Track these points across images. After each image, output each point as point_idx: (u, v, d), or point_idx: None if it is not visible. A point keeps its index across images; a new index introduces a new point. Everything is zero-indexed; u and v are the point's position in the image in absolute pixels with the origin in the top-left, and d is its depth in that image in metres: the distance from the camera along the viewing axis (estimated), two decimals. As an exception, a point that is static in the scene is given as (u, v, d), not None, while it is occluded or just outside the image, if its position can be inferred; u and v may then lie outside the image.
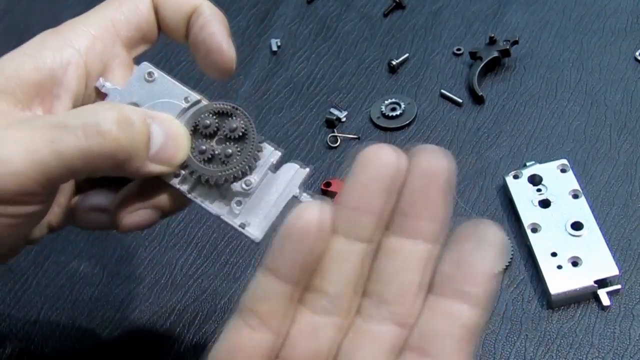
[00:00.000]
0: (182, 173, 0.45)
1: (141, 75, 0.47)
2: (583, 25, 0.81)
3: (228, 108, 0.46)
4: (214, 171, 0.45)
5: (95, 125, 0.41)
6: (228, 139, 0.45)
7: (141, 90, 0.47)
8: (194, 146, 0.45)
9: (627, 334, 0.58)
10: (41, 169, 0.40)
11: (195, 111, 0.46)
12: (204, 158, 0.45)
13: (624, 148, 0.70)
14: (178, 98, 0.47)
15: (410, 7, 0.87)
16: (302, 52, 0.85)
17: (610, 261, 0.60)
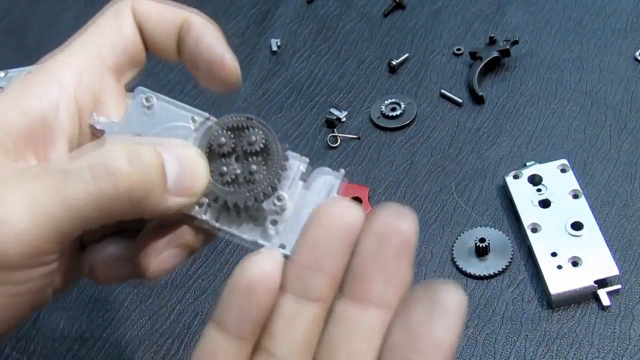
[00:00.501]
0: (205, 201, 0.40)
1: (138, 102, 0.43)
2: (583, 25, 0.81)
3: (242, 120, 0.41)
4: (241, 193, 0.40)
5: (103, 165, 0.36)
6: (248, 154, 0.40)
7: (141, 120, 0.42)
8: (212, 169, 0.40)
9: (627, 334, 0.58)
10: (50, 223, 0.35)
11: (206, 130, 0.41)
12: (226, 180, 0.40)
13: (624, 148, 0.70)
14: (184, 120, 0.42)
15: (410, 7, 0.87)
16: (302, 52, 0.85)
17: (610, 261, 0.60)
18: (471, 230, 0.66)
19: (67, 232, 0.36)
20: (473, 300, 0.62)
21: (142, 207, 0.38)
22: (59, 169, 0.37)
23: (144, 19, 0.45)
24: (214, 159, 0.41)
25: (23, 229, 0.35)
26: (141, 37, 0.45)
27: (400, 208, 0.34)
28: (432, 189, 0.70)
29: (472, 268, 0.63)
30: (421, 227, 0.67)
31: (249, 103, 0.81)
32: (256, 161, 0.40)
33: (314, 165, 0.75)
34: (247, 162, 0.40)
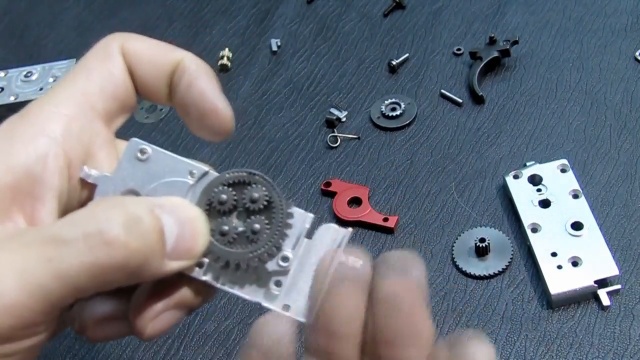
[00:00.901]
0: (205, 261, 0.38)
1: (132, 154, 0.40)
2: (583, 25, 0.81)
3: (244, 176, 0.38)
4: (243, 253, 0.38)
5: (99, 234, 0.34)
6: (250, 212, 0.38)
7: (136, 173, 0.39)
8: (213, 228, 0.38)
9: (627, 334, 0.58)
10: (40, 294, 0.33)
11: (206, 187, 0.38)
12: (228, 240, 0.38)
13: (624, 148, 0.70)
14: (181, 174, 0.39)
15: (410, 7, 0.87)
16: (302, 52, 0.85)
17: (610, 261, 0.60)
18: (471, 230, 0.66)
19: (58, 302, 0.34)
20: (473, 300, 0.62)
21: (139, 274, 0.36)
22: (52, 237, 0.34)
23: (135, 60, 0.42)
24: (215, 217, 0.38)
25: (12, 300, 0.33)
26: (131, 79, 0.42)
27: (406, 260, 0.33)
28: (432, 189, 0.70)
29: (472, 268, 0.63)
30: (421, 227, 0.67)
31: (249, 103, 0.81)
32: (259, 219, 0.38)
33: (314, 165, 0.75)
34: (250, 220, 0.38)
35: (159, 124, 0.81)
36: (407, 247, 0.66)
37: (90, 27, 0.94)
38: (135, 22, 0.93)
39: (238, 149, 0.77)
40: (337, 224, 0.39)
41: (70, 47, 0.92)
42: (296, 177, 0.73)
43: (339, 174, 0.73)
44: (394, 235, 0.67)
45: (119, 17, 0.94)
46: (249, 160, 0.75)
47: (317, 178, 0.73)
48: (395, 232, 0.67)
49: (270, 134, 0.78)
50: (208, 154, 0.77)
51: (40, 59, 0.88)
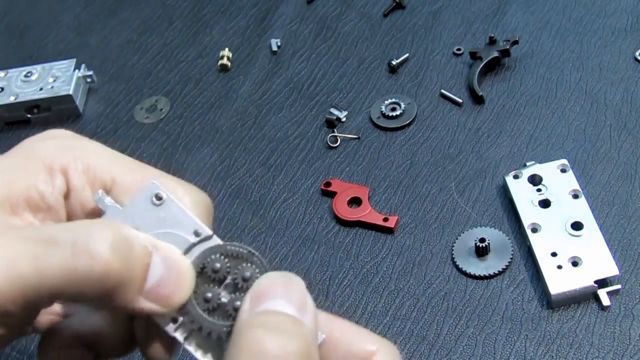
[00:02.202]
0: (180, 319, 0.39)
1: (148, 196, 0.40)
2: (583, 25, 0.81)
3: (243, 252, 0.39)
4: (219, 325, 0.38)
5: (87, 244, 0.35)
6: (238, 288, 0.38)
7: (145, 214, 0.39)
8: (197, 291, 0.38)
9: (627, 334, 0.58)
10: (20, 286, 0.34)
11: (206, 250, 0.39)
12: (208, 307, 0.38)
13: (624, 148, 0.70)
14: (187, 230, 0.39)
15: (410, 7, 0.87)
16: (302, 52, 0.85)
17: (610, 261, 0.60)
18: (471, 230, 0.66)
19: (33, 299, 0.35)
20: (473, 300, 0.62)
21: (112, 298, 0.36)
22: (47, 236, 0.35)
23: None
24: (204, 282, 0.39)
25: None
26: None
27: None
28: (432, 189, 0.70)
29: (472, 268, 0.63)
30: (421, 227, 0.67)
31: (249, 103, 0.81)
32: (242, 297, 0.38)
33: (314, 165, 0.75)
34: (235, 296, 0.38)
35: (159, 123, 0.81)
36: (407, 247, 0.66)
37: (90, 27, 0.94)
38: (135, 22, 0.93)
39: (238, 149, 0.77)
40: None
41: (70, 47, 0.92)
42: (296, 177, 0.73)
43: (339, 174, 0.73)
44: (394, 235, 0.67)
45: (119, 17, 0.94)
46: (249, 160, 0.75)
47: (317, 178, 0.73)
48: (395, 232, 0.67)
49: (270, 134, 0.78)
50: (208, 154, 0.77)
51: (40, 59, 0.88)
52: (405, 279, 0.64)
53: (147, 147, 0.79)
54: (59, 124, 0.83)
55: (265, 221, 0.70)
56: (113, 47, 0.91)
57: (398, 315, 0.62)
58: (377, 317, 0.62)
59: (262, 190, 0.73)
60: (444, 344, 0.60)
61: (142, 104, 0.83)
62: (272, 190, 0.73)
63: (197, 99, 0.83)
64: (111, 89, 0.86)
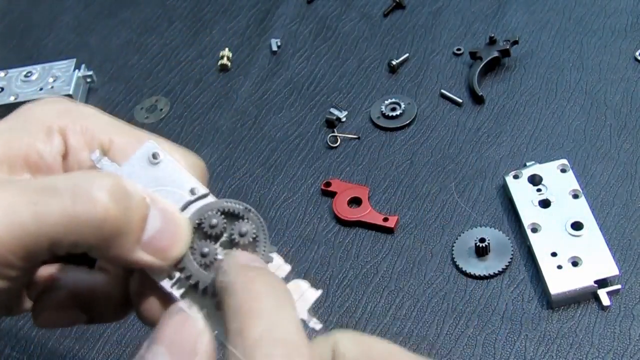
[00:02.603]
0: (177, 275, 0.39)
1: (145, 155, 0.40)
2: (583, 25, 0.81)
3: (240, 209, 0.40)
4: (208, 277, 0.38)
5: (87, 190, 0.35)
6: (235, 243, 0.39)
7: (142, 172, 0.40)
8: (194, 246, 0.39)
9: (627, 334, 0.58)
10: (19, 233, 0.34)
11: (202, 207, 0.39)
12: (205, 262, 0.39)
13: (624, 148, 0.70)
14: (183, 188, 0.40)
15: (410, 7, 0.87)
16: (302, 52, 0.85)
17: (610, 261, 0.60)
18: (471, 230, 0.66)
19: (34, 249, 0.35)
20: (473, 300, 0.62)
21: (110, 246, 0.36)
22: (46, 184, 0.36)
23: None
24: (201, 238, 0.39)
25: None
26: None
27: None
28: (432, 189, 0.70)
29: (472, 268, 0.63)
30: (421, 227, 0.67)
31: (249, 103, 0.81)
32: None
33: (314, 165, 0.75)
34: (232, 250, 0.39)
35: (159, 123, 0.81)
36: (407, 247, 0.66)
37: (90, 27, 0.94)
38: (135, 22, 0.93)
39: (238, 149, 0.77)
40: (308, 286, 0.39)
41: (70, 47, 0.92)
42: (296, 177, 0.73)
43: (339, 174, 0.73)
44: (394, 235, 0.67)
45: (119, 17, 0.94)
46: (249, 160, 0.75)
47: (317, 178, 0.73)
48: (395, 232, 0.67)
49: (270, 134, 0.78)
50: (208, 153, 0.77)
51: (40, 59, 0.88)
52: (405, 279, 0.64)
53: (147, 147, 0.79)
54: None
55: (265, 221, 0.70)
56: (113, 47, 0.91)
57: (398, 315, 0.62)
58: (377, 317, 0.62)
59: (262, 190, 0.73)
60: (444, 344, 0.60)
61: (142, 104, 0.83)
62: (272, 190, 0.73)
63: (197, 99, 0.83)
64: (111, 89, 0.86)
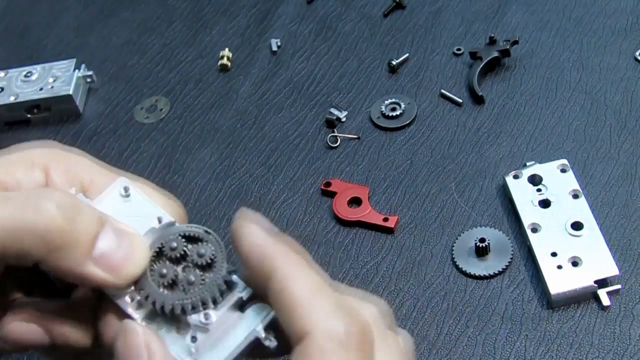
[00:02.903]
0: (137, 297, 0.40)
1: (117, 190, 0.42)
2: (583, 25, 0.81)
3: (199, 232, 0.41)
4: (171, 298, 0.39)
5: (36, 200, 0.36)
6: (195, 265, 0.40)
7: (114, 206, 0.42)
8: (154, 268, 0.40)
9: (627, 333, 0.58)
10: None
11: (164, 232, 0.41)
12: (164, 282, 0.39)
13: (624, 148, 0.70)
14: (150, 217, 0.41)
15: (410, 7, 0.87)
16: (302, 52, 0.85)
17: (610, 261, 0.60)
18: (471, 230, 0.66)
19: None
20: (473, 300, 0.62)
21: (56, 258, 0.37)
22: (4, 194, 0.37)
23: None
24: (161, 260, 0.40)
25: None
26: None
27: None
28: (432, 189, 0.70)
29: (472, 268, 0.63)
30: (421, 227, 0.67)
31: (249, 103, 0.81)
32: (197, 274, 0.39)
33: (314, 165, 0.75)
34: (189, 272, 0.40)
35: (159, 123, 0.81)
36: (407, 247, 0.66)
37: (90, 27, 0.94)
38: (135, 22, 0.93)
39: (238, 149, 0.77)
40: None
41: (70, 47, 0.92)
42: (296, 177, 0.73)
43: (339, 174, 0.73)
44: (394, 235, 0.67)
45: (119, 17, 0.94)
46: (249, 160, 0.75)
47: (317, 178, 0.73)
48: (395, 232, 0.67)
49: (270, 134, 0.78)
50: (208, 154, 0.77)
51: (40, 59, 0.88)
52: (405, 279, 0.64)
53: (147, 147, 0.79)
54: (59, 124, 0.83)
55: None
56: (113, 47, 0.91)
57: (398, 315, 0.62)
58: (377, 317, 0.62)
59: (262, 190, 0.73)
60: (444, 344, 0.60)
61: (142, 104, 0.83)
62: (272, 190, 0.73)
63: (197, 99, 0.83)
64: (111, 89, 0.86)
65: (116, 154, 0.79)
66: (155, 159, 0.77)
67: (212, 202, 0.73)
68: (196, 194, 0.74)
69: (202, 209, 0.72)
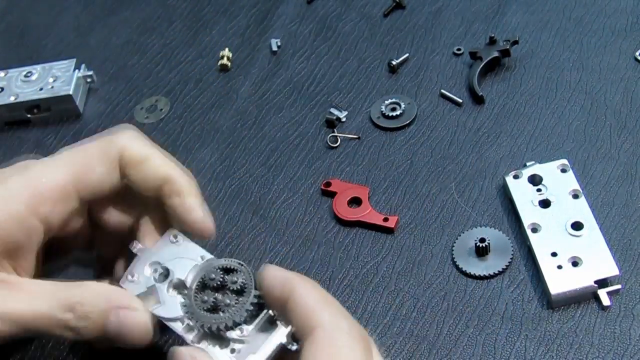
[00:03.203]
0: (187, 322, 0.50)
1: (168, 237, 0.54)
2: (583, 25, 0.81)
3: (233, 264, 0.51)
4: (212, 318, 0.49)
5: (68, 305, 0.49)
6: (231, 291, 0.50)
7: (165, 250, 0.54)
8: (198, 297, 0.50)
9: (627, 334, 0.58)
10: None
11: (204, 265, 0.52)
12: (206, 307, 0.50)
13: (624, 148, 0.70)
14: (194, 255, 0.53)
15: (410, 7, 0.87)
16: (302, 52, 0.85)
17: (610, 261, 0.60)
18: (471, 230, 0.66)
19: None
20: (473, 300, 0.62)
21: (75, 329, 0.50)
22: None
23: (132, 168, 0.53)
24: (203, 289, 0.51)
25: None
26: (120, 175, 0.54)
27: None
28: (432, 189, 0.70)
29: (472, 268, 0.63)
30: (421, 227, 0.67)
31: (249, 103, 0.81)
32: (232, 298, 0.50)
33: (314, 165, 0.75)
34: (226, 296, 0.50)
35: (159, 123, 0.81)
36: (407, 247, 0.66)
37: (90, 27, 0.94)
38: (135, 22, 0.93)
39: (238, 149, 0.77)
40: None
41: (70, 47, 0.92)
42: (296, 177, 0.73)
43: (339, 174, 0.73)
44: (394, 235, 0.67)
45: (119, 17, 0.94)
46: (249, 160, 0.75)
47: (317, 178, 0.73)
48: (395, 232, 0.67)
49: (270, 134, 0.78)
50: (208, 154, 0.77)
51: (40, 59, 0.88)
52: (405, 279, 0.64)
53: (147, 147, 0.79)
54: (59, 124, 0.83)
55: (265, 221, 0.70)
56: (113, 47, 0.91)
57: (398, 315, 0.62)
58: (377, 317, 0.62)
59: (262, 190, 0.73)
60: (444, 344, 0.60)
61: (142, 104, 0.83)
62: (272, 190, 0.73)
63: (197, 99, 0.83)
64: (111, 89, 0.86)
65: (116, 154, 0.79)
66: (155, 159, 0.77)
67: (212, 202, 0.73)
68: (196, 194, 0.74)
69: (202, 209, 0.72)
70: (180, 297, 0.52)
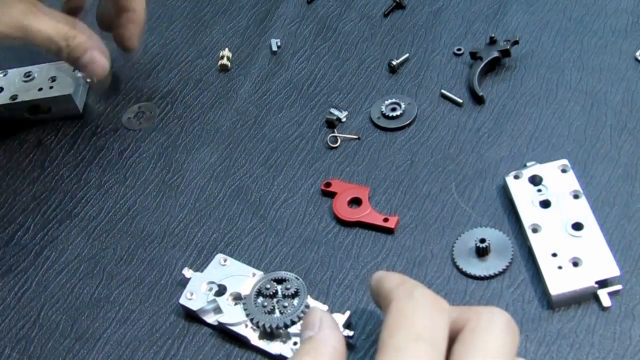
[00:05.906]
0: (249, 325, 0.60)
1: (217, 260, 0.65)
2: (583, 25, 0.81)
3: (282, 275, 0.62)
4: (272, 319, 0.59)
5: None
6: (286, 296, 0.61)
7: (216, 272, 0.64)
8: (257, 303, 0.61)
9: (628, 334, 0.58)
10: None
11: (259, 279, 0.62)
12: (265, 311, 0.60)
13: (624, 148, 0.70)
14: (246, 273, 0.64)
15: (410, 7, 0.87)
16: (302, 52, 0.85)
17: (610, 262, 0.60)
18: (471, 231, 0.66)
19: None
20: (473, 300, 0.62)
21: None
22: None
23: None
24: (261, 297, 0.61)
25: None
26: None
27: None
28: (432, 189, 0.70)
29: (472, 268, 0.63)
30: (421, 227, 0.67)
31: (249, 103, 0.81)
32: (288, 301, 0.60)
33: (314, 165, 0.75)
34: (283, 300, 0.61)
35: (159, 124, 0.81)
36: (407, 247, 0.66)
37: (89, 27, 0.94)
38: (135, 22, 0.93)
39: (238, 149, 0.77)
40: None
41: (70, 47, 0.92)
42: (296, 177, 0.73)
43: (339, 174, 0.73)
44: (394, 235, 0.67)
45: (119, 17, 0.94)
46: (249, 160, 0.75)
47: (317, 178, 0.73)
48: (396, 233, 0.67)
49: (270, 134, 0.78)
50: (208, 154, 0.77)
51: (40, 59, 0.88)
52: (405, 279, 0.64)
53: (147, 148, 0.79)
54: (59, 124, 0.83)
55: (265, 221, 0.70)
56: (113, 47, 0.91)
57: (398, 316, 0.62)
58: (377, 318, 0.62)
59: (262, 190, 0.73)
60: (444, 344, 0.60)
61: (128, 114, 0.82)
62: (272, 190, 0.73)
63: (197, 99, 0.83)
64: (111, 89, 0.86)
65: (116, 154, 0.79)
66: (155, 159, 0.77)
67: (212, 202, 0.73)
68: (196, 194, 0.74)
69: (202, 209, 0.72)
70: (239, 306, 0.61)
